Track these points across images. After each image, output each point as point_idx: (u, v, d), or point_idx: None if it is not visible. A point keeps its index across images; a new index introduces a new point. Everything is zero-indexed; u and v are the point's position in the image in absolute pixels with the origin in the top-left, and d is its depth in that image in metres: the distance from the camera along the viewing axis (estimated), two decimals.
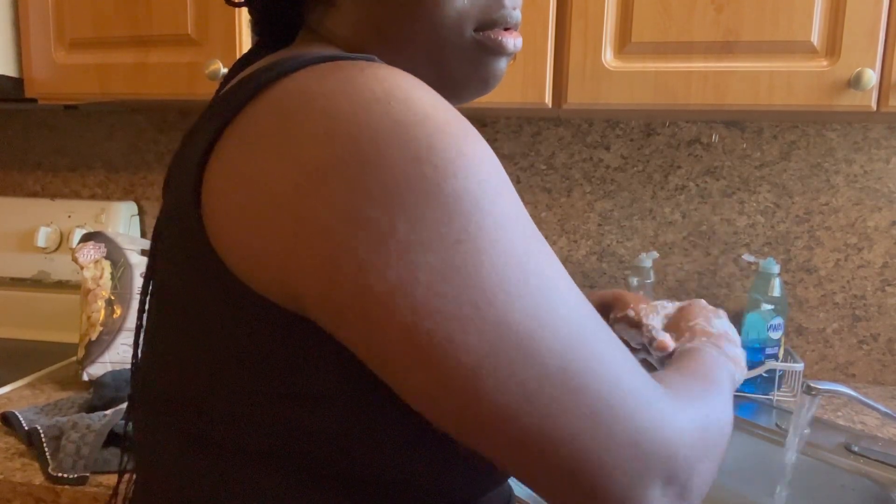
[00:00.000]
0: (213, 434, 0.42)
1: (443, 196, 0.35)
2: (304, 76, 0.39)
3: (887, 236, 1.25)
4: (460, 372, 0.35)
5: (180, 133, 1.48)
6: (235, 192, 0.39)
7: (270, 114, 0.39)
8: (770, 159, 1.28)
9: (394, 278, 0.35)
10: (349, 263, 0.35)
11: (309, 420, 0.40)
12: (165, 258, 0.45)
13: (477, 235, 0.36)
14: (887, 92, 0.95)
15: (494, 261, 0.36)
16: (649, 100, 1.00)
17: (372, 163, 0.35)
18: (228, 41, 1.07)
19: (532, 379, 0.36)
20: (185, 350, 0.43)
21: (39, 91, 1.20)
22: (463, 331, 0.35)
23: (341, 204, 0.35)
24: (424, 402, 0.37)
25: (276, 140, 0.38)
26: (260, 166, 0.38)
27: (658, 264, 1.33)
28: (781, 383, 1.17)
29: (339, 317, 0.37)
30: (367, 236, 0.35)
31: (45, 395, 1.11)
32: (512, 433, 0.36)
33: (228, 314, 0.40)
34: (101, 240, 1.21)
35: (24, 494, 0.84)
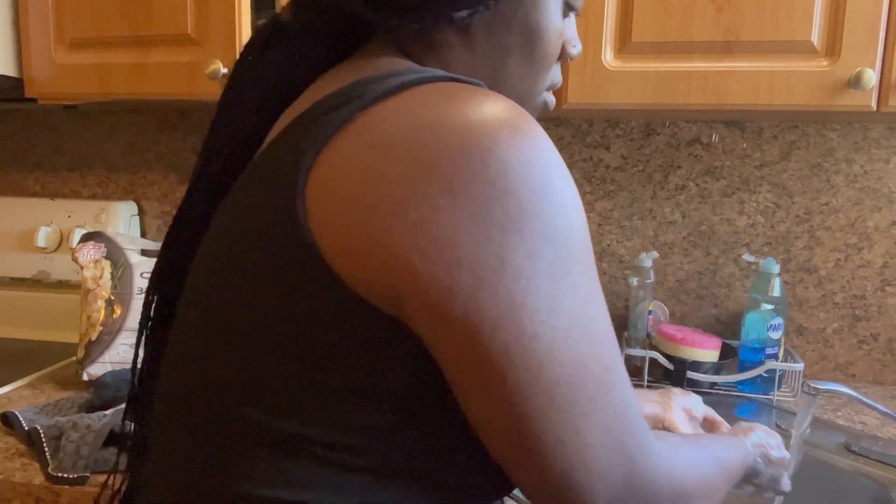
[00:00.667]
0: (273, 427, 0.43)
1: (556, 232, 0.40)
2: (434, 92, 0.42)
3: (887, 236, 1.25)
4: (538, 390, 0.40)
5: (180, 133, 1.48)
6: (352, 193, 0.40)
7: (401, 124, 0.41)
8: (770, 159, 1.28)
9: (504, 298, 0.39)
10: (466, 277, 0.39)
11: (376, 417, 0.43)
12: (234, 254, 0.45)
13: (578, 271, 0.41)
14: (887, 92, 0.95)
15: (587, 296, 0.42)
16: (649, 100, 1.00)
17: (500, 190, 0.39)
18: (228, 41, 1.07)
19: (588, 399, 0.41)
20: (253, 345, 0.43)
21: (39, 91, 1.20)
22: (554, 352, 0.40)
23: (466, 222, 0.39)
24: (492, 411, 0.41)
25: (407, 151, 0.40)
26: (385, 174, 0.40)
27: (658, 264, 1.33)
28: (781, 383, 1.17)
29: (442, 322, 0.40)
30: (486, 256, 0.39)
31: (45, 395, 1.11)
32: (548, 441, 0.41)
33: (320, 310, 0.41)
34: (101, 240, 1.21)
35: (24, 494, 0.84)
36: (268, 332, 0.43)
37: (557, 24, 0.54)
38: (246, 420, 0.44)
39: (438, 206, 0.39)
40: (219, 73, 1.06)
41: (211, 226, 0.51)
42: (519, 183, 0.39)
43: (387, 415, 0.43)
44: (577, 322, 0.41)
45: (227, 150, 0.55)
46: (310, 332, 0.42)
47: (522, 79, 0.55)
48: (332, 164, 0.41)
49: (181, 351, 0.49)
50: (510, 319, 0.39)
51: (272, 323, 0.43)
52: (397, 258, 0.39)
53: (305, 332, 0.42)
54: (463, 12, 0.49)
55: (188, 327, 0.49)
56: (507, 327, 0.39)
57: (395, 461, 0.44)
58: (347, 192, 0.40)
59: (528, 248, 0.39)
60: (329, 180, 0.41)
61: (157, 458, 0.50)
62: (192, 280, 0.50)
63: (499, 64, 0.53)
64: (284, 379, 0.43)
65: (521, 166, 0.40)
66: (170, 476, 0.49)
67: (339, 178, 0.41)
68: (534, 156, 0.40)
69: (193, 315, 0.49)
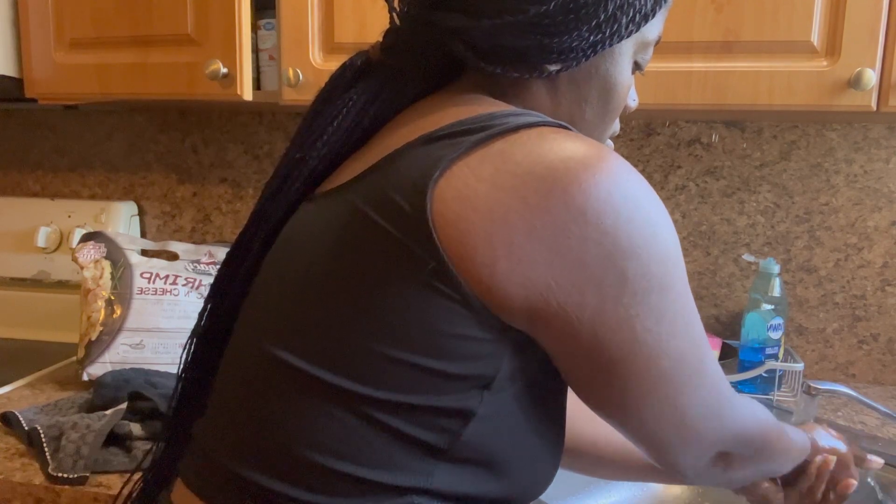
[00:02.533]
0: (358, 398, 0.48)
1: (662, 254, 0.48)
2: (554, 133, 0.49)
3: (887, 236, 1.25)
4: (648, 380, 0.50)
5: (180, 133, 1.48)
6: (487, 209, 0.46)
7: (534, 159, 0.47)
8: (770, 159, 1.28)
9: (622, 312, 0.48)
10: (593, 295, 0.47)
11: (458, 402, 0.49)
12: (345, 242, 0.50)
13: (677, 284, 0.50)
14: (887, 92, 0.95)
15: (684, 303, 0.51)
16: (649, 100, 1.00)
17: (624, 220, 0.47)
18: (228, 41, 1.07)
19: (687, 382, 0.52)
20: (359, 324, 0.48)
21: (39, 91, 1.20)
22: (660, 351, 0.50)
23: (594, 248, 0.46)
24: (612, 397, 0.51)
25: (543, 182, 0.47)
26: (525, 199, 0.46)
27: None
28: (781, 383, 1.17)
29: (569, 332, 0.48)
30: (609, 277, 0.47)
31: (45, 395, 1.11)
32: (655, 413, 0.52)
33: (434, 307, 0.47)
34: (101, 240, 1.21)
35: (24, 494, 0.84)
36: (372, 316, 0.48)
37: (628, 79, 0.60)
38: (325, 389, 0.49)
39: (572, 232, 0.46)
40: (219, 73, 1.06)
41: (293, 228, 0.56)
42: (635, 215, 0.47)
43: (469, 401, 0.49)
44: (677, 324, 0.50)
45: (308, 171, 0.59)
46: (411, 316, 0.47)
47: (595, 126, 0.61)
48: (464, 179, 0.47)
49: (263, 323, 0.54)
50: (627, 329, 0.48)
51: (377, 309, 0.48)
52: (535, 276, 0.46)
53: (406, 314, 0.47)
54: (556, 66, 0.55)
55: (275, 301, 0.53)
56: (623, 335, 0.48)
57: (462, 448, 0.50)
58: (474, 206, 0.47)
59: (643, 269, 0.47)
60: (460, 192, 0.47)
61: (218, 423, 0.55)
62: (275, 269, 0.56)
63: (577, 112, 0.59)
64: (368, 353, 0.48)
65: (634, 200, 0.48)
66: (232, 438, 0.53)
67: (471, 192, 0.47)
68: (641, 192, 0.48)
69: (280, 292, 0.53)
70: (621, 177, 0.48)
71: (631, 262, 0.47)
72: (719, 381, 0.55)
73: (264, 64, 1.24)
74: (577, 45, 0.54)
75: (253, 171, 1.46)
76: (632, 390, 0.50)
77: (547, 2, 0.52)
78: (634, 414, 0.52)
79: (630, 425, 0.53)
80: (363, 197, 0.51)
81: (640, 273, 0.47)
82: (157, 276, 1.18)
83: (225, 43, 1.07)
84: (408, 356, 0.47)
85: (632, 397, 0.51)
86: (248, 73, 1.08)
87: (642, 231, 0.47)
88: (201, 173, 1.49)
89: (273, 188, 0.60)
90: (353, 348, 0.48)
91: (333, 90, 0.60)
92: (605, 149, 0.49)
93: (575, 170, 0.47)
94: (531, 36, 0.53)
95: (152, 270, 1.19)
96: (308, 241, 0.53)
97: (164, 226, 1.52)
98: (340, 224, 0.51)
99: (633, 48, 0.59)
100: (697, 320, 0.52)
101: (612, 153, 0.49)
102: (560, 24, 0.53)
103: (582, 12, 0.53)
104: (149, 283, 1.17)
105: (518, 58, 0.54)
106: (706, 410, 0.54)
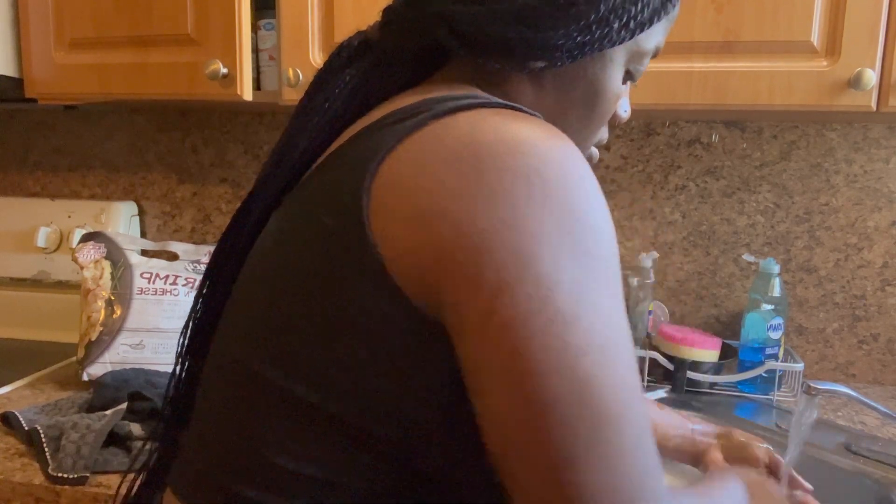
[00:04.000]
0: (309, 400, 0.46)
1: (585, 252, 0.41)
2: (496, 115, 0.45)
3: (887, 236, 1.25)
4: (541, 398, 0.39)
5: (180, 133, 1.48)
6: (414, 199, 0.43)
7: (466, 140, 0.44)
8: (770, 159, 1.28)
9: (524, 304, 0.39)
10: (490, 281, 0.40)
11: (404, 411, 0.45)
12: (294, 239, 0.49)
13: (606, 293, 0.41)
14: (887, 92, 0.95)
15: (610, 318, 0.41)
16: (649, 100, 1.00)
17: (537, 207, 0.41)
18: (228, 41, 1.07)
19: (591, 427, 0.39)
20: (303, 325, 0.46)
21: (39, 91, 1.20)
22: (561, 366, 0.39)
23: (502, 231, 0.41)
24: (496, 415, 0.41)
25: (461, 162, 0.43)
26: (448, 185, 0.42)
27: (658, 264, 1.33)
28: (781, 383, 1.17)
29: (462, 324, 0.42)
30: (514, 266, 0.40)
31: (45, 395, 1.11)
32: (549, 460, 0.39)
33: (370, 304, 0.44)
34: (101, 240, 1.21)
35: (24, 494, 0.84)
36: (315, 314, 0.46)
37: (617, 88, 0.58)
38: (285, 396, 0.47)
39: (478, 211, 0.41)
40: (219, 73, 1.06)
41: (270, 223, 0.54)
42: (562, 204, 0.41)
43: (414, 411, 0.45)
44: (593, 337, 0.40)
45: (298, 155, 0.57)
46: (354, 322, 0.44)
47: (578, 131, 0.59)
48: (397, 169, 0.44)
49: (231, 327, 0.53)
50: (522, 325, 0.39)
51: (322, 307, 0.46)
52: (441, 261, 0.42)
53: (350, 321, 0.45)
54: (540, 62, 0.53)
55: (242, 304, 0.52)
56: (517, 330, 0.39)
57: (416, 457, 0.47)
58: (405, 196, 0.43)
59: (555, 260, 0.40)
60: (393, 183, 0.44)
61: (198, 429, 0.54)
62: (249, 268, 0.54)
63: (560, 114, 0.57)
64: (324, 362, 0.46)
65: (572, 190, 0.42)
66: (209, 444, 0.52)
67: (403, 182, 0.44)
68: (583, 182, 0.43)
69: (246, 294, 0.52)
70: (549, 161, 0.43)
71: (542, 250, 0.40)
72: (638, 451, 0.40)
73: (264, 64, 1.24)
74: (563, 43, 0.52)
75: (253, 172, 1.46)
76: (520, 412, 0.39)
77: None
78: (524, 455, 0.40)
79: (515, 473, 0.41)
80: (310, 196, 0.49)
81: (551, 265, 0.40)
82: (157, 277, 1.18)
83: (225, 43, 1.07)
84: (359, 359, 0.45)
85: (521, 425, 0.40)
86: (248, 73, 1.08)
87: (561, 221, 0.41)
88: (201, 173, 1.49)
89: (262, 176, 0.58)
90: (308, 355, 0.46)
91: (328, 72, 0.59)
92: (555, 132, 0.45)
93: (498, 151, 0.43)
94: (515, 27, 0.51)
95: (152, 270, 1.19)
96: (269, 246, 0.52)
97: (164, 226, 1.52)
98: (292, 227, 0.50)
99: (626, 56, 0.57)
100: (627, 351, 0.42)
101: (562, 139, 0.45)
102: (546, 19, 0.51)
103: (571, 10, 0.51)
104: (149, 283, 1.17)
105: (502, 49, 0.52)
106: (608, 480, 0.38)
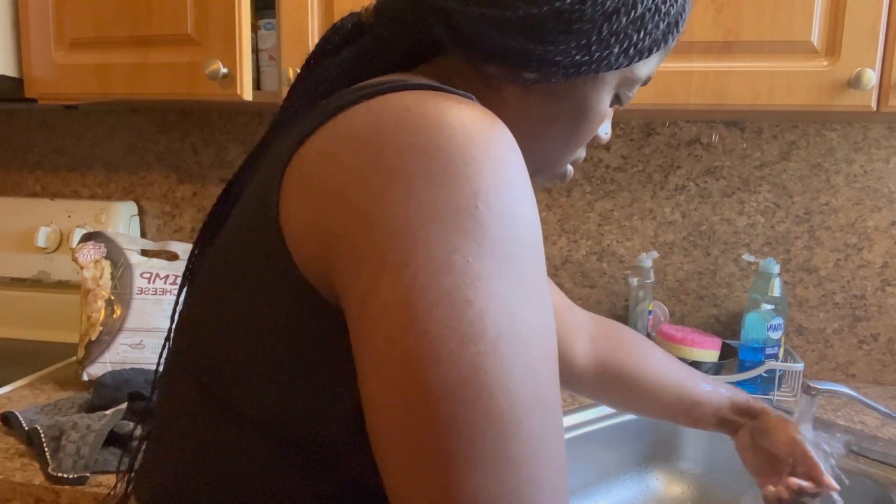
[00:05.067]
0: (229, 400, 0.45)
1: (487, 236, 0.37)
2: (412, 95, 0.42)
3: (887, 236, 1.25)
4: (416, 388, 0.35)
5: (180, 133, 1.48)
6: (312, 181, 0.42)
7: (369, 120, 0.42)
8: (770, 159, 1.28)
9: (405, 287, 0.36)
10: (373, 260, 0.37)
11: (316, 401, 0.43)
12: (231, 237, 0.48)
13: (517, 284, 0.37)
14: (887, 92, 0.95)
15: (520, 312, 0.37)
16: (649, 100, 1.00)
17: (434, 185, 0.37)
18: (228, 41, 1.07)
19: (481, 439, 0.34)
20: (223, 322, 0.45)
21: (39, 91, 1.20)
22: (439, 354, 0.35)
23: (391, 208, 0.37)
24: (375, 405, 0.37)
25: (367, 143, 0.40)
26: (342, 162, 0.40)
27: (658, 264, 1.33)
28: (781, 383, 1.17)
29: (349, 308, 0.39)
30: (400, 245, 0.37)
31: (45, 395, 1.11)
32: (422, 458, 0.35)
33: (278, 294, 0.43)
34: (101, 240, 1.21)
35: (24, 494, 0.84)
36: (236, 311, 0.45)
37: (604, 110, 0.56)
38: (216, 393, 0.46)
39: (370, 189, 0.38)
40: (219, 73, 1.06)
41: None
42: (456, 182, 0.38)
43: (328, 403, 0.43)
44: (486, 332, 0.35)
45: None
46: (267, 314, 0.43)
47: (557, 147, 0.57)
48: (305, 154, 0.43)
49: (178, 329, 0.52)
50: (409, 307, 0.35)
51: (240, 303, 0.45)
52: (335, 243, 0.39)
53: (263, 314, 0.43)
54: (533, 75, 0.51)
55: (190, 307, 0.52)
56: (394, 318, 0.36)
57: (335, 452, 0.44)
58: (309, 180, 0.42)
59: (445, 240, 0.36)
60: (299, 169, 0.43)
61: (154, 437, 0.53)
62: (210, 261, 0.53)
63: (542, 127, 0.55)
64: (245, 359, 0.44)
65: (464, 169, 0.38)
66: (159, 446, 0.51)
67: (307, 166, 0.43)
68: (500, 164, 0.39)
69: (192, 297, 0.52)
70: (483, 141, 0.39)
71: (432, 229, 0.37)
72: (546, 477, 0.35)
73: (264, 64, 1.24)
74: (561, 59, 0.50)
75: None
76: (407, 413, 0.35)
77: (539, 5, 0.49)
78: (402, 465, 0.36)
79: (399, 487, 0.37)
80: (252, 188, 0.48)
81: (441, 247, 0.37)
82: (157, 276, 1.18)
83: (225, 43, 1.07)
84: (279, 366, 0.43)
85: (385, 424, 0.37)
86: (248, 73, 1.08)
87: (459, 200, 0.38)
88: (201, 173, 1.49)
89: (243, 163, 0.57)
90: (232, 360, 0.45)
91: (319, 54, 0.57)
92: (483, 114, 0.42)
93: (400, 127, 0.40)
94: (516, 36, 0.50)
95: (152, 270, 1.19)
96: (218, 244, 0.51)
97: (164, 226, 1.52)
98: (232, 224, 0.48)
99: (617, 80, 0.55)
100: (547, 353, 0.38)
101: (491, 120, 0.41)
102: (548, 33, 0.50)
103: (574, 27, 0.49)
104: (149, 283, 1.17)
105: (497, 56, 0.51)
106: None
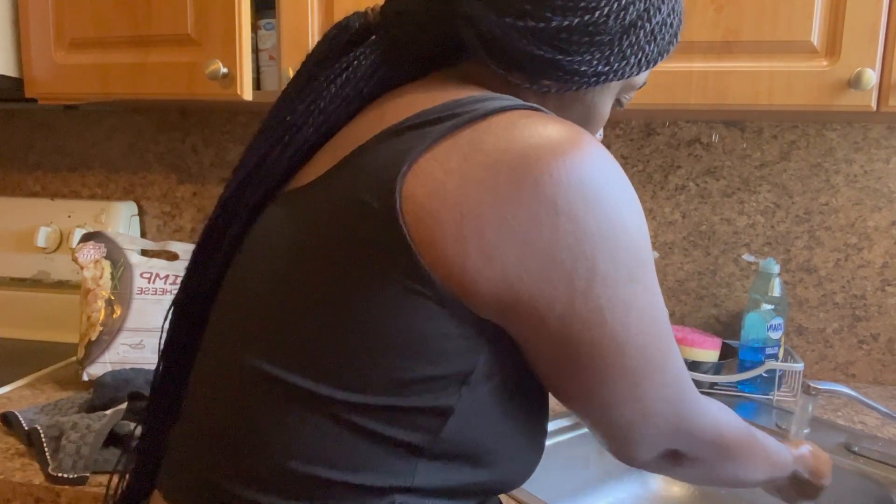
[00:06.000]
0: (339, 404, 0.48)
1: (632, 244, 0.48)
2: (526, 118, 0.48)
3: (887, 236, 1.25)
4: (616, 370, 0.50)
5: (180, 133, 1.48)
6: (454, 201, 0.45)
7: (503, 146, 0.46)
8: (770, 159, 1.28)
9: (593, 303, 0.47)
10: (564, 285, 0.46)
11: (437, 401, 0.48)
12: (317, 243, 0.49)
13: (646, 275, 0.50)
14: (887, 92, 0.95)
15: (652, 295, 0.51)
16: (649, 100, 1.00)
17: (591, 209, 0.46)
18: (228, 41, 1.07)
19: (650, 374, 0.52)
20: (327, 326, 0.48)
21: (39, 91, 1.20)
22: (628, 342, 0.50)
23: (567, 239, 0.46)
24: (578, 385, 0.51)
25: (512, 171, 0.46)
26: (494, 189, 0.45)
27: (658, 264, 1.33)
28: (781, 383, 1.17)
29: (540, 323, 0.48)
30: (580, 267, 0.46)
31: (45, 395, 1.11)
32: (619, 399, 0.52)
33: (404, 301, 0.46)
34: (101, 240, 1.21)
35: (24, 494, 0.84)
36: (341, 315, 0.47)
37: (608, 113, 0.62)
38: (299, 396, 0.48)
39: (543, 224, 0.45)
40: (219, 73, 1.06)
41: (269, 218, 0.54)
42: (606, 204, 0.47)
43: (447, 398, 0.48)
44: (645, 317, 0.50)
45: (302, 140, 0.56)
46: (388, 317, 0.46)
47: None
48: (432, 173, 0.46)
49: (233, 326, 0.53)
50: (596, 321, 0.48)
51: (346, 309, 0.47)
52: (506, 269, 0.46)
53: (383, 315, 0.46)
54: (554, 83, 0.55)
55: (246, 304, 0.52)
56: (592, 327, 0.48)
57: (442, 444, 0.49)
58: (450, 202, 0.45)
59: (612, 260, 0.47)
60: (428, 187, 0.46)
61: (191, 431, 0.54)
62: (251, 264, 0.54)
63: None
64: (348, 358, 0.47)
65: (606, 189, 0.47)
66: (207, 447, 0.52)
67: (440, 186, 0.46)
68: (613, 180, 0.48)
69: (252, 293, 0.52)
70: (594, 163, 0.47)
71: (601, 252, 0.47)
72: (681, 380, 0.55)
73: (264, 64, 1.24)
74: (584, 70, 0.54)
75: None
76: (596, 382, 0.51)
77: (571, 18, 0.52)
78: (597, 405, 0.52)
79: (591, 415, 0.54)
80: (331, 198, 0.49)
81: (609, 264, 0.47)
82: (157, 276, 1.18)
83: (225, 43, 1.07)
84: (385, 358, 0.47)
85: (596, 389, 0.51)
86: (248, 73, 1.08)
87: (612, 221, 0.47)
88: (201, 173, 1.49)
89: (260, 154, 0.57)
90: (331, 354, 0.47)
91: (329, 52, 0.58)
92: (579, 132, 0.48)
93: (545, 157, 0.46)
94: (546, 47, 0.53)
95: (152, 270, 1.19)
96: (280, 245, 0.51)
97: (164, 226, 1.52)
98: (311, 228, 0.50)
99: (621, 86, 0.60)
100: (665, 315, 0.53)
101: (586, 136, 0.48)
102: (575, 44, 0.53)
103: (597, 38, 0.53)
104: (149, 283, 1.17)
105: (524, 64, 0.54)
106: (665, 407, 0.54)
